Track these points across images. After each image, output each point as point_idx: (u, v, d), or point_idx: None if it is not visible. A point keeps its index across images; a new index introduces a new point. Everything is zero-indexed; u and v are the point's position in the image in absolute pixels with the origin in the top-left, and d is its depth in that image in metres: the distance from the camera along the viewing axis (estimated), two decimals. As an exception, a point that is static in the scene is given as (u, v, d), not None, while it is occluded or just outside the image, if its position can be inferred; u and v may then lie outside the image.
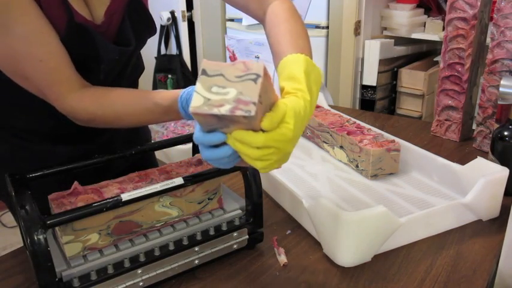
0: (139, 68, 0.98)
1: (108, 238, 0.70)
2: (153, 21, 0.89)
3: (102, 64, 0.79)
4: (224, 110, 0.49)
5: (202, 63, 0.52)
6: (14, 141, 0.86)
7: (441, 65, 1.25)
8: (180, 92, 0.69)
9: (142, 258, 0.69)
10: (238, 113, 0.48)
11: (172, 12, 2.72)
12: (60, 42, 0.72)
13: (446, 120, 1.27)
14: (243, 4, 0.84)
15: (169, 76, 2.80)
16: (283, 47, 0.69)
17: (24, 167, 0.74)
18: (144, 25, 0.87)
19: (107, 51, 0.78)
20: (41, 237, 0.59)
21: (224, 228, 0.76)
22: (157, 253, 0.70)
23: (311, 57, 0.67)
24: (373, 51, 1.95)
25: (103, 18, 0.78)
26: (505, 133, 0.95)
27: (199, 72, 0.52)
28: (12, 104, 0.82)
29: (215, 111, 0.49)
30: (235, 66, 0.51)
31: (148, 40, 0.95)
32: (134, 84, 1.01)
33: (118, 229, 0.70)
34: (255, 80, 0.50)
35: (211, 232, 0.75)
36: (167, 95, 0.71)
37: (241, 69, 0.51)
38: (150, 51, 2.78)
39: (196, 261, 0.75)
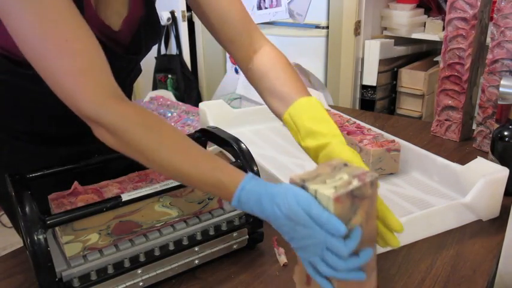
0: (138, 71, 0.98)
1: (108, 238, 0.70)
2: (161, 30, 0.89)
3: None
4: (356, 183, 0.52)
5: (292, 179, 0.55)
6: (14, 143, 0.86)
7: (441, 65, 1.25)
8: (242, 179, 0.60)
9: (142, 258, 0.69)
10: (368, 179, 0.53)
11: (172, 12, 2.72)
12: (93, 36, 0.61)
13: (446, 120, 1.27)
14: (230, 40, 0.78)
15: (169, 76, 2.80)
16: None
17: (24, 169, 0.74)
18: (155, 35, 0.87)
19: (115, 59, 0.75)
20: (41, 237, 0.59)
21: (224, 228, 0.76)
22: (157, 253, 0.70)
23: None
24: (373, 51, 1.95)
25: (120, 26, 0.77)
26: (505, 133, 0.95)
27: (297, 185, 0.55)
28: (13, 106, 0.82)
29: (351, 187, 0.51)
30: (319, 168, 0.56)
31: (148, 40, 0.95)
32: (130, 87, 1.01)
33: (118, 229, 0.70)
34: (346, 164, 0.57)
35: (211, 232, 0.75)
36: (231, 177, 0.60)
37: (327, 166, 0.56)
38: (150, 51, 2.78)
39: (196, 261, 0.75)
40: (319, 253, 0.54)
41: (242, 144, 0.79)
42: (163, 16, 2.67)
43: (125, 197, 0.66)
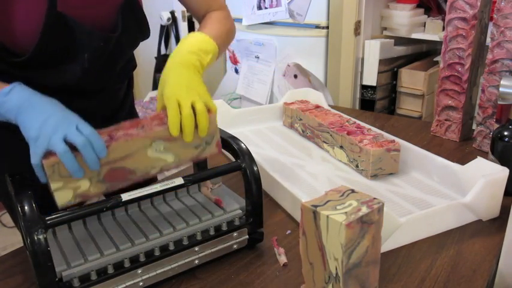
0: (132, 63, 0.98)
1: (100, 185, 0.67)
2: (147, 24, 0.90)
3: (86, 52, 0.79)
4: (365, 209, 0.57)
5: (304, 205, 0.60)
6: (14, 139, 0.85)
7: (441, 65, 1.25)
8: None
9: (142, 258, 0.69)
10: (375, 206, 0.58)
11: (172, 12, 2.72)
12: None
13: (446, 120, 1.27)
14: (194, 10, 0.94)
15: (170, 76, 2.79)
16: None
17: (24, 164, 0.74)
18: (134, 21, 0.87)
19: (91, 38, 0.78)
20: (41, 237, 0.59)
21: (224, 228, 0.76)
22: (157, 253, 0.70)
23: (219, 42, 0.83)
24: (373, 51, 1.95)
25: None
26: (505, 133, 0.95)
27: (308, 212, 0.59)
28: None
29: (361, 213, 0.56)
30: (327, 194, 0.61)
31: (148, 40, 0.95)
32: (129, 80, 1.03)
33: (110, 176, 0.67)
34: (353, 191, 0.61)
35: (211, 232, 0.75)
36: None
37: (335, 192, 0.61)
38: (150, 51, 2.78)
39: (196, 261, 0.75)
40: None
41: (242, 144, 0.79)
42: (164, 16, 2.67)
43: (125, 196, 0.66)
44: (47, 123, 0.64)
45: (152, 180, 1.06)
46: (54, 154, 0.62)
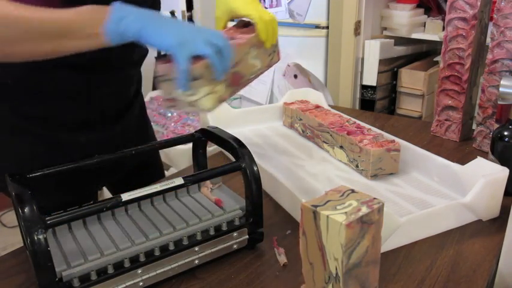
0: (145, 47, 0.97)
1: (229, 89, 0.75)
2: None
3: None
4: (365, 209, 0.57)
5: (304, 205, 0.60)
6: (34, 131, 0.85)
7: (441, 65, 1.25)
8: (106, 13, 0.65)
9: (142, 258, 0.69)
10: (375, 206, 0.58)
11: (172, 12, 2.71)
12: None
13: (446, 120, 1.27)
14: None
15: (169, 76, 2.79)
16: None
17: (44, 159, 0.76)
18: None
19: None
20: (41, 237, 0.59)
21: (224, 228, 0.76)
22: (157, 253, 0.70)
23: None
24: (373, 51, 1.95)
25: None
26: (505, 133, 0.95)
27: (310, 211, 0.59)
28: (32, 91, 0.82)
29: (361, 213, 0.56)
30: (327, 194, 0.61)
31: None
32: (139, 68, 1.02)
33: (232, 80, 0.75)
34: (353, 191, 0.61)
35: (211, 232, 0.75)
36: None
37: (335, 192, 0.61)
38: (150, 51, 2.77)
39: (196, 261, 0.75)
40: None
41: (242, 144, 0.79)
42: (163, 16, 2.67)
43: (125, 196, 0.67)
44: (185, 31, 0.67)
45: (153, 181, 1.07)
46: (197, 61, 0.66)
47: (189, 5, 2.78)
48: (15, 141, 0.86)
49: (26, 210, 0.60)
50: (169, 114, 2.20)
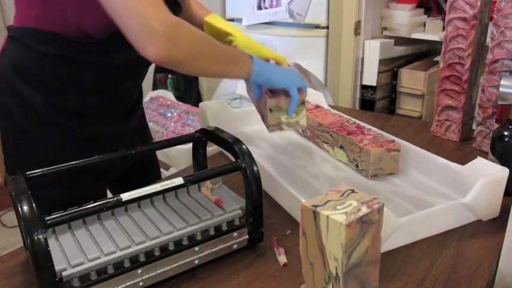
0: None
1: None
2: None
3: None
4: (365, 209, 0.57)
5: (304, 205, 0.60)
6: (64, 125, 0.88)
7: (441, 65, 1.25)
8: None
9: (142, 258, 0.69)
10: (375, 207, 0.58)
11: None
12: None
13: (446, 120, 1.27)
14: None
15: (170, 76, 2.79)
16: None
17: (68, 152, 0.80)
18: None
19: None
20: (41, 237, 0.59)
21: (224, 228, 0.76)
22: (157, 253, 0.70)
23: None
24: (373, 51, 1.95)
25: None
26: (505, 133, 0.95)
27: (310, 212, 0.60)
28: (64, 82, 0.85)
29: (361, 213, 0.57)
30: (327, 194, 0.62)
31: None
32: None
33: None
34: (353, 191, 0.62)
35: (211, 232, 0.75)
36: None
37: (335, 192, 0.62)
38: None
39: (196, 261, 0.75)
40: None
41: (242, 144, 0.79)
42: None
43: (125, 196, 0.67)
44: (288, 73, 0.92)
45: (149, 181, 1.07)
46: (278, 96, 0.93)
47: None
48: (43, 134, 0.88)
49: (26, 210, 0.60)
50: (169, 114, 2.20)
